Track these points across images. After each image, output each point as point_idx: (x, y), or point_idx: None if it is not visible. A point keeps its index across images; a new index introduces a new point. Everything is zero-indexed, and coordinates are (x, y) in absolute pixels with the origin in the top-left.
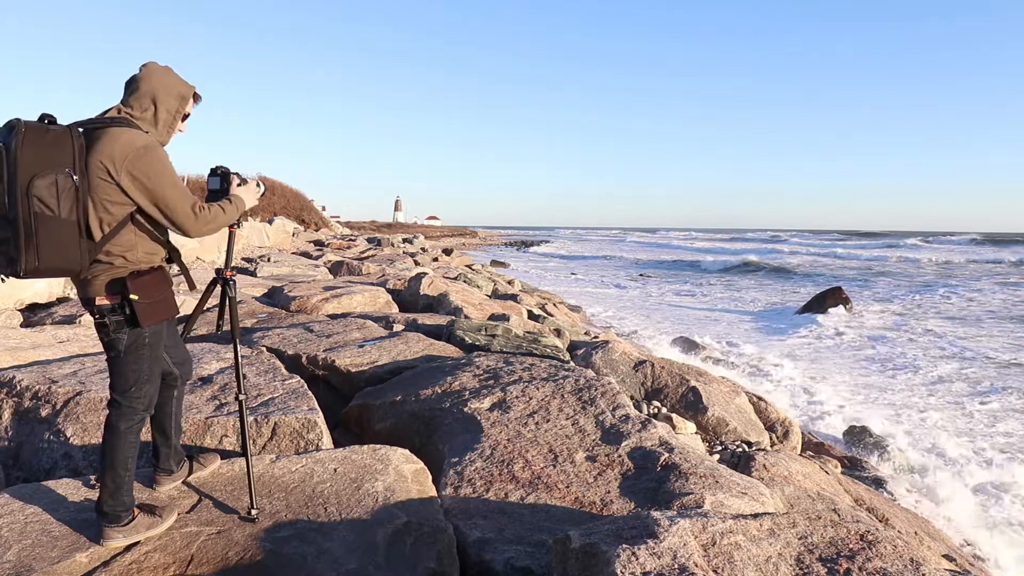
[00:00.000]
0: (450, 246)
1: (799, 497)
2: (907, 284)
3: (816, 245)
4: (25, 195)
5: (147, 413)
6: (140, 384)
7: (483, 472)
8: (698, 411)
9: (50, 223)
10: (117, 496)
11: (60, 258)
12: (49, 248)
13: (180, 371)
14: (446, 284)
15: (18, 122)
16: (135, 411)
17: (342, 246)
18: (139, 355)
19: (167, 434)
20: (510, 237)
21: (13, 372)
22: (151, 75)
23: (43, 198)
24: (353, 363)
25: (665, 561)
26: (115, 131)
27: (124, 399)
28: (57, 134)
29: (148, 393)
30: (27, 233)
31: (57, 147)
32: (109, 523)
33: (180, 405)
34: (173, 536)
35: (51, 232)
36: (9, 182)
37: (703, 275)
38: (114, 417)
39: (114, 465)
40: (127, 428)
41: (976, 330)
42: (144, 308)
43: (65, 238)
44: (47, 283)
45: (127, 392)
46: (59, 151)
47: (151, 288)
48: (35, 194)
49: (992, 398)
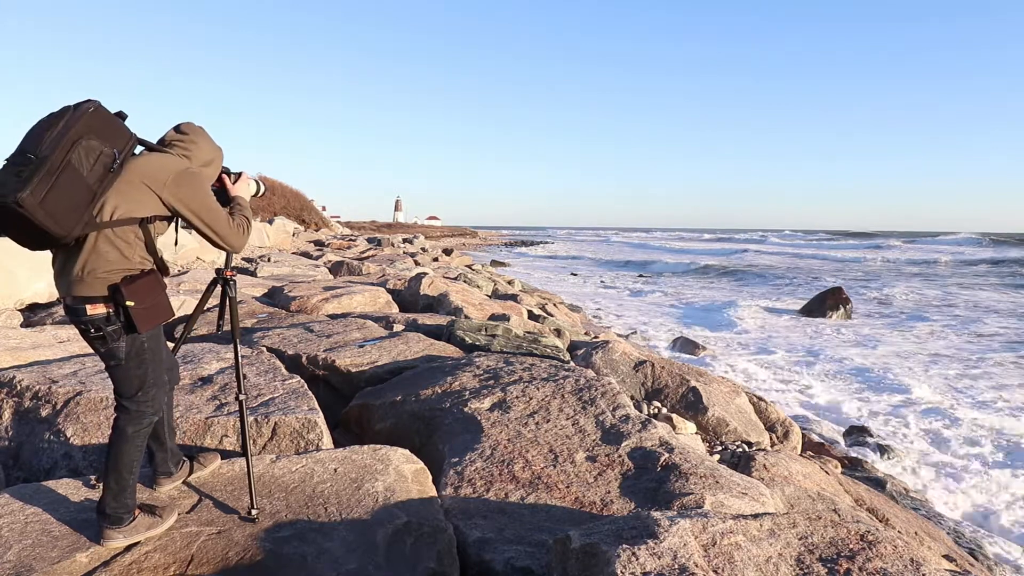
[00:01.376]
0: (450, 246)
1: (799, 497)
2: (859, 285)
3: (795, 246)
4: (68, 146)
5: (155, 417)
6: (147, 388)
7: (483, 472)
8: (698, 411)
9: (74, 175)
10: (120, 498)
11: (61, 209)
12: (58, 193)
13: (169, 376)
14: (446, 284)
15: (94, 101)
16: (144, 415)
17: (342, 246)
18: (142, 360)
19: (161, 439)
20: (510, 237)
21: (13, 372)
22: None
23: (82, 154)
24: (353, 363)
25: (665, 561)
26: (163, 156)
27: (132, 404)
28: (122, 125)
29: (155, 396)
30: (50, 171)
31: (117, 132)
32: (110, 524)
33: (171, 409)
34: (173, 536)
35: (69, 182)
36: (61, 132)
37: (651, 274)
38: (123, 421)
39: (119, 468)
40: (135, 432)
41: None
42: (140, 313)
43: (77, 196)
44: (47, 283)
45: (134, 397)
46: (117, 136)
47: (146, 292)
48: (79, 147)
49: (989, 392)
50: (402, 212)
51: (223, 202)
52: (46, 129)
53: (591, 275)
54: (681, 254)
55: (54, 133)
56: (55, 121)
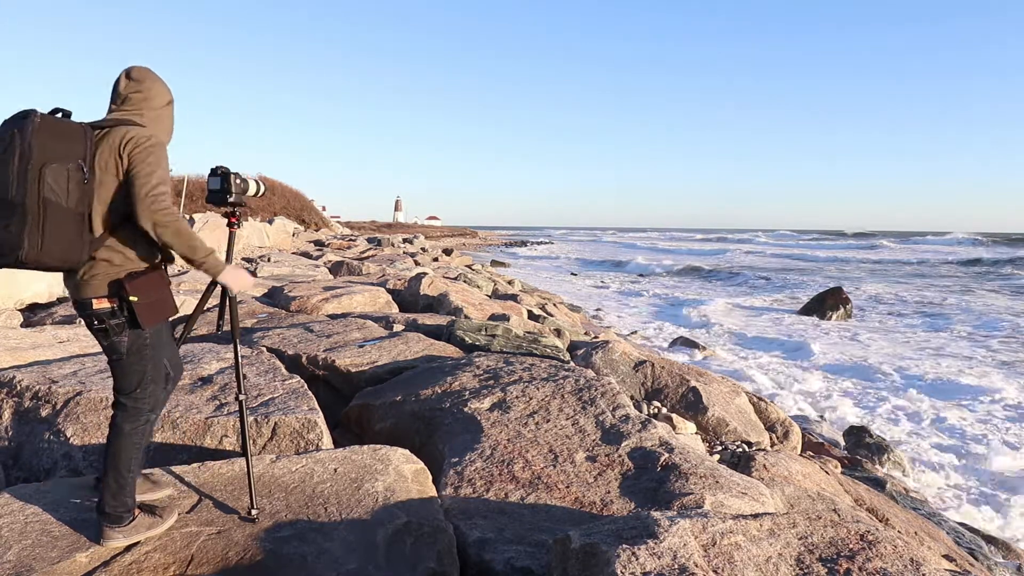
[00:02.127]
0: (450, 246)
1: (799, 497)
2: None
3: (779, 245)
4: (36, 181)
5: (153, 414)
6: (145, 385)
7: (483, 472)
8: (698, 411)
9: (58, 211)
10: (119, 497)
11: (62, 248)
12: (53, 236)
13: (174, 372)
14: (446, 284)
15: (34, 112)
16: (141, 412)
17: (342, 246)
18: (142, 355)
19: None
20: (510, 237)
21: (13, 372)
22: (145, 80)
23: (54, 185)
24: (353, 363)
25: (665, 561)
26: (123, 127)
27: (129, 400)
28: (71, 127)
29: (154, 394)
30: (34, 218)
31: (71, 139)
32: (110, 523)
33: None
34: (173, 536)
35: (58, 220)
36: (21, 166)
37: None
38: (119, 418)
39: (118, 467)
40: (132, 429)
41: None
42: (143, 309)
43: (70, 229)
44: (47, 283)
45: (132, 394)
46: (73, 143)
47: (149, 288)
48: (46, 179)
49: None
50: (402, 212)
51: (222, 196)
52: (2, 164)
53: (558, 273)
54: (664, 254)
55: (14, 170)
56: (7, 156)
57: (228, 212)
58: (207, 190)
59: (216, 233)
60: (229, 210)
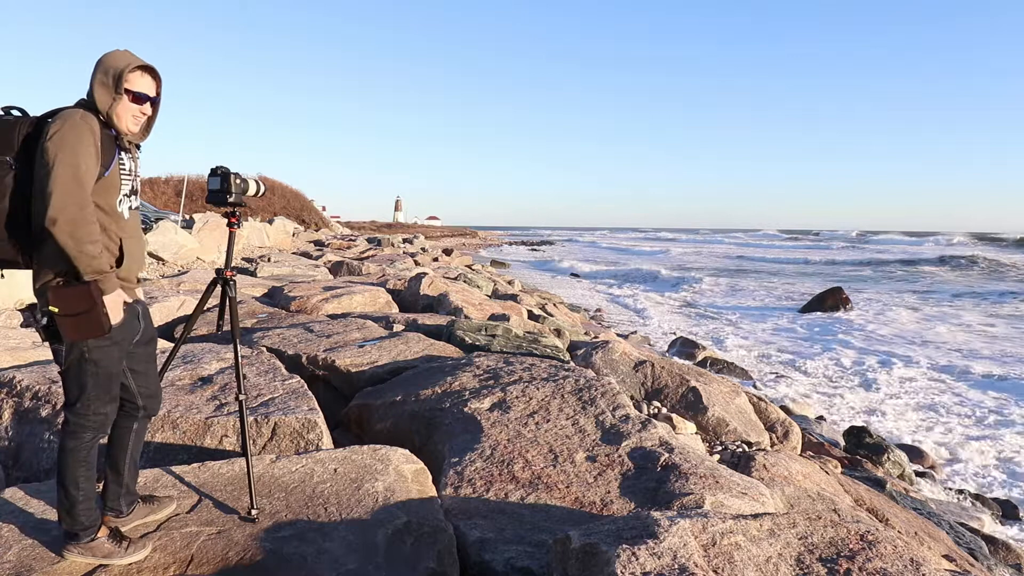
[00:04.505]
0: (450, 246)
1: (799, 497)
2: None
3: (752, 246)
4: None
5: (97, 434)
6: (86, 402)
7: (483, 472)
8: (698, 411)
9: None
10: (72, 513)
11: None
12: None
13: (146, 404)
14: (446, 284)
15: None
16: (83, 429)
17: (342, 246)
18: (81, 370)
19: (119, 470)
20: (511, 238)
21: (13, 372)
22: (106, 56)
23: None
24: (353, 363)
25: (665, 561)
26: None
27: (71, 414)
28: (6, 122)
29: (98, 412)
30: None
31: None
32: (66, 538)
33: (139, 441)
34: (173, 536)
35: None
36: None
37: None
38: (62, 434)
39: (64, 483)
40: (73, 447)
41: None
42: (63, 322)
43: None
44: None
45: (72, 407)
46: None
47: (72, 301)
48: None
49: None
50: (402, 212)
51: (222, 196)
52: None
53: (558, 274)
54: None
55: None
56: None
57: (228, 212)
58: (207, 190)
59: (216, 233)
60: (229, 210)
